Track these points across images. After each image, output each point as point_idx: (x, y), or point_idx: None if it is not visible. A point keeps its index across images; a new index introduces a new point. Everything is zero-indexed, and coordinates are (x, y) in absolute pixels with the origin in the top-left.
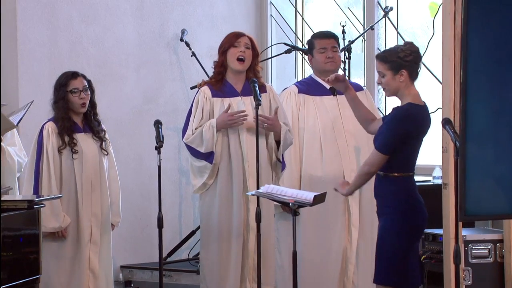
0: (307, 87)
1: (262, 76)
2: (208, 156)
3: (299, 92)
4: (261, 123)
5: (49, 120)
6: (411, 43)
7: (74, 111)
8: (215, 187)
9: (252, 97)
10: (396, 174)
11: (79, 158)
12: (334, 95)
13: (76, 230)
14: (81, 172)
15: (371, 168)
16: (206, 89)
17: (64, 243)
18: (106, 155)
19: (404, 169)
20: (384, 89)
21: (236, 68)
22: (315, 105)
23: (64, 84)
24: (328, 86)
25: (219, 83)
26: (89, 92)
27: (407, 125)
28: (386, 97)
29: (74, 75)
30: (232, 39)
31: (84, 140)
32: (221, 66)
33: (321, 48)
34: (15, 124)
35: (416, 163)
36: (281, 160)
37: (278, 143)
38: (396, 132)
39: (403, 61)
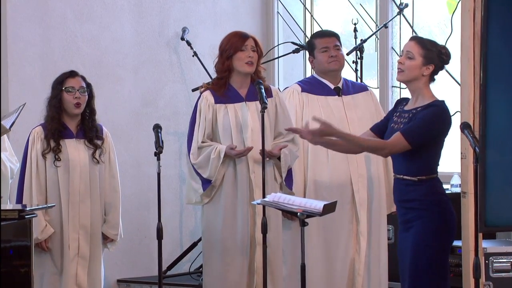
0: (310, 86)
1: (265, 77)
2: (206, 182)
3: (302, 91)
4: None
5: (38, 125)
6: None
7: (68, 113)
8: (219, 199)
9: (256, 102)
10: (432, 175)
11: (64, 166)
12: (339, 95)
13: (60, 243)
14: (67, 181)
15: (388, 153)
16: (208, 95)
17: (48, 257)
18: (98, 163)
19: (436, 169)
20: (400, 71)
21: (246, 71)
22: (320, 105)
23: (60, 82)
24: (332, 86)
25: (222, 88)
26: (86, 94)
27: (444, 123)
28: (397, 80)
29: (72, 73)
30: (238, 43)
31: (73, 147)
32: (225, 71)
33: (323, 48)
34: (8, 128)
35: None
36: (287, 179)
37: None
38: (433, 128)
39: (439, 57)
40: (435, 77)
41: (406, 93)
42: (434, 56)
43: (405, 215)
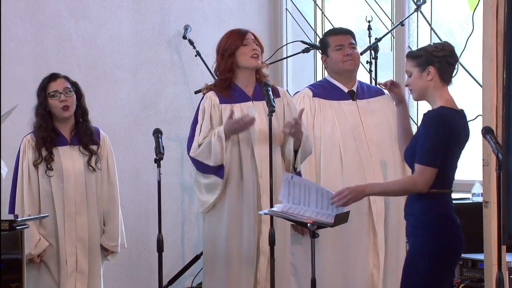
0: (323, 90)
1: (268, 75)
2: (218, 170)
3: (314, 96)
4: (286, 128)
5: (30, 132)
6: (446, 42)
7: (58, 118)
8: (222, 206)
9: (264, 102)
10: (433, 190)
11: (58, 176)
12: (353, 99)
13: (56, 257)
14: (61, 192)
15: (423, 187)
16: (212, 95)
17: (44, 273)
18: (93, 171)
19: (440, 185)
20: (410, 91)
21: (253, 65)
22: (333, 110)
23: (43, 88)
24: (346, 90)
25: (226, 90)
26: (73, 94)
27: (445, 129)
28: (414, 100)
29: (53, 76)
30: (238, 39)
31: (67, 155)
32: (229, 71)
33: (338, 46)
34: None
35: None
36: (299, 173)
37: (295, 152)
38: (437, 138)
39: (431, 56)
40: (451, 76)
41: None
42: (427, 57)
43: (406, 228)
